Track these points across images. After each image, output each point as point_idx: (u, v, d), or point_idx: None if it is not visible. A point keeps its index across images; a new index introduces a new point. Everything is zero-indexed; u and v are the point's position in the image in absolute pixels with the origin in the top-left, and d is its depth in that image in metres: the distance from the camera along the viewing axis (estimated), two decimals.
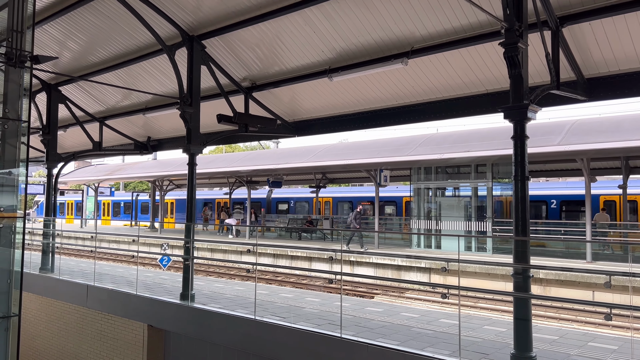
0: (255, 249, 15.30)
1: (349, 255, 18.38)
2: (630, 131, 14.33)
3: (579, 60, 7.35)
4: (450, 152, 17.19)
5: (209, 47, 9.89)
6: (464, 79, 8.59)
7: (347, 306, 9.21)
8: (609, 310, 5.37)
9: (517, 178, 5.80)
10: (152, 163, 33.61)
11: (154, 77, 11.73)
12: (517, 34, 5.74)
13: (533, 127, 16.07)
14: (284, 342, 7.42)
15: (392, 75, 9.20)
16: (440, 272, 16.08)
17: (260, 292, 10.35)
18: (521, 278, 5.74)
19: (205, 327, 8.56)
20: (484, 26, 7.46)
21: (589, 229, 15.61)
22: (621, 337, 7.56)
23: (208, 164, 25.47)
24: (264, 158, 25.00)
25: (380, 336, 7.06)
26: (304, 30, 8.83)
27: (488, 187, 18.54)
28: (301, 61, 9.66)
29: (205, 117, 10.59)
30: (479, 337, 7.17)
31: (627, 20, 6.75)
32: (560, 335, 7.39)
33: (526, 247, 5.74)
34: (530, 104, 5.83)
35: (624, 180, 18.23)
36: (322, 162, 21.10)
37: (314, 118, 11.20)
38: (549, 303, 13.20)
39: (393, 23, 8.04)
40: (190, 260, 9.21)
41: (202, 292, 10.30)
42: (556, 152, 14.59)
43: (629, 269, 6.14)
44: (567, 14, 6.86)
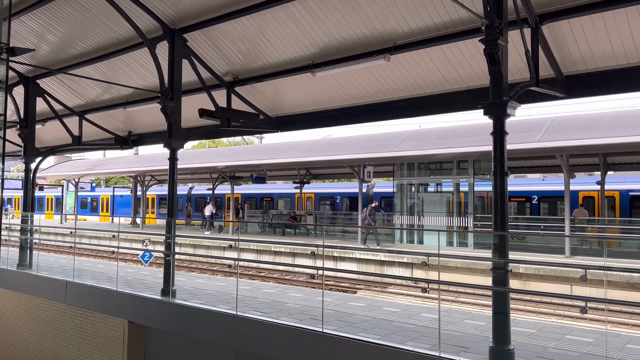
0: (237, 244, 15.23)
1: (332, 251, 18.42)
2: (609, 128, 14.58)
3: (558, 57, 7.45)
4: (432, 148, 17.32)
5: (191, 40, 9.79)
6: (445, 76, 8.64)
7: (330, 301, 9.23)
8: (584, 304, 5.47)
9: (497, 174, 5.86)
10: (134, 158, 33.25)
11: (135, 71, 11.58)
12: (497, 31, 5.79)
13: (514, 124, 16.39)
14: (266, 338, 7.42)
15: (375, 71, 9.22)
16: (421, 267, 16.23)
17: (243, 288, 10.32)
18: (500, 272, 5.81)
19: (186, 323, 8.51)
20: (465, 23, 7.51)
21: (567, 225, 15.88)
22: (597, 330, 7.72)
23: (191, 159, 25.29)
24: (248, 153, 24.90)
25: (361, 331, 7.10)
26: (286, 25, 8.79)
27: (470, 183, 18.72)
28: (284, 56, 9.62)
29: (187, 112, 10.49)
30: (459, 331, 7.26)
31: (605, 19, 6.85)
32: (538, 329, 7.51)
33: (505, 242, 5.81)
34: (509, 100, 5.89)
35: (602, 176, 18.57)
36: (306, 158, 21.08)
37: (297, 113, 11.18)
38: (529, 297, 13.41)
39: (375, 19, 8.05)
40: (171, 256, 9.14)
41: (183, 288, 10.24)
42: (536, 148, 14.79)
43: (603, 263, 6.26)
44: (547, 12, 6.94)
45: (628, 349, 6.44)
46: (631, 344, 6.70)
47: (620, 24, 6.82)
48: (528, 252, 16.79)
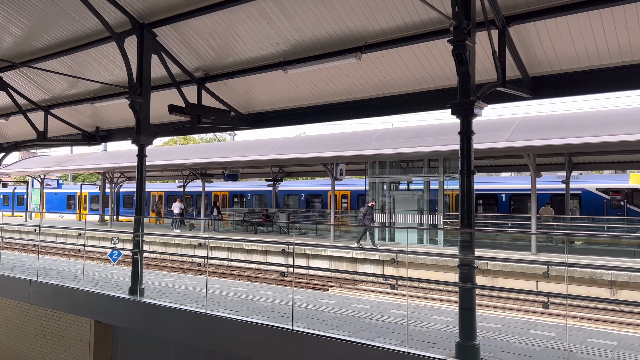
0: (207, 242, 15.10)
1: (304, 249, 18.44)
2: (574, 129, 14.99)
3: (524, 59, 7.62)
4: (404, 147, 17.51)
5: (160, 35, 9.64)
6: (415, 75, 8.74)
7: (300, 299, 9.25)
8: (547, 299, 5.63)
9: (464, 172, 5.97)
10: (103, 154, 32.57)
11: (103, 65, 11.34)
12: (465, 31, 5.88)
13: (484, 124, 16.71)
14: (236, 336, 7.39)
15: (347, 70, 9.26)
16: (393, 264, 16.39)
17: (213, 286, 10.25)
18: (466, 269, 5.92)
19: (154, 321, 8.40)
20: (435, 23, 7.61)
21: (534, 222, 16.27)
22: (560, 325, 7.95)
23: (161, 156, 24.93)
24: (220, 150, 24.69)
25: (331, 328, 7.14)
26: (258, 22, 8.74)
27: (440, 181, 18.99)
28: (256, 53, 9.57)
29: (157, 108, 10.33)
30: (427, 327, 7.37)
31: (569, 22, 7.04)
32: (504, 324, 7.68)
33: (471, 239, 5.92)
34: (476, 100, 6.00)
35: (567, 175, 19.09)
36: (279, 156, 21.04)
37: (269, 110, 11.13)
38: (496, 293, 13.70)
39: (347, 17, 8.08)
40: (140, 254, 9.00)
41: (152, 286, 10.09)
42: (504, 147, 15.11)
43: (564, 259, 6.45)
44: (513, 14, 7.09)
45: (589, 342, 6.65)
46: (592, 337, 6.91)
47: (584, 28, 7.02)
48: (496, 249, 17.16)
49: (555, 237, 18.34)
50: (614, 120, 14.83)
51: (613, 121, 14.79)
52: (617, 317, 11.73)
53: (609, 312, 12.09)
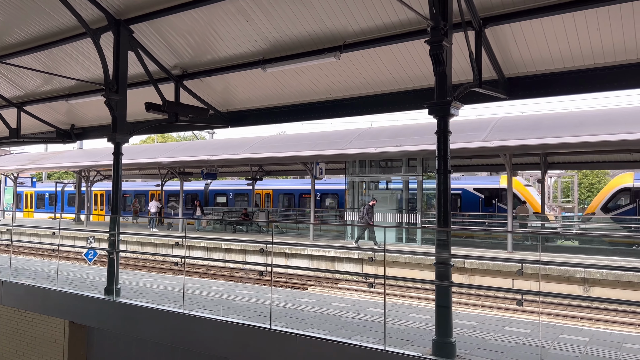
0: (184, 241, 14.96)
1: (283, 248, 18.41)
2: (549, 129, 15.29)
3: (500, 60, 7.73)
4: (383, 146, 17.63)
5: (137, 32, 9.51)
6: (394, 75, 8.80)
7: (279, 298, 9.24)
8: (521, 297, 5.73)
9: (440, 171, 6.03)
10: (78, 152, 32.03)
11: (78, 62, 11.14)
12: (442, 32, 5.94)
13: (462, 124, 16.90)
14: (213, 336, 7.34)
15: (326, 69, 9.27)
16: (372, 262, 16.48)
17: (191, 286, 10.17)
18: (443, 267, 5.98)
19: (130, 322, 8.30)
20: (413, 24, 7.67)
21: (510, 221, 16.54)
22: (533, 322, 8.10)
23: (138, 154, 24.61)
24: (198, 149, 24.49)
25: (310, 326, 7.15)
26: (237, 20, 8.69)
27: (418, 180, 19.16)
28: (234, 50, 9.51)
29: (133, 105, 10.19)
30: (405, 325, 7.43)
31: (544, 25, 7.17)
32: (480, 322, 7.79)
33: (447, 237, 5.99)
34: (453, 100, 6.07)
35: (542, 175, 19.44)
36: (258, 154, 20.97)
37: (248, 109, 11.08)
38: (473, 291, 13.89)
39: (326, 16, 8.08)
40: (115, 254, 8.88)
41: (128, 286, 9.96)
42: (481, 147, 15.32)
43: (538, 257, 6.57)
44: (490, 16, 7.18)
45: (561, 338, 6.78)
46: (565, 334, 7.06)
47: (558, 30, 7.15)
48: (474, 247, 17.38)
49: (530, 236, 18.66)
50: (588, 121, 15.17)
51: (587, 122, 15.13)
52: (589, 314, 12.01)
53: (582, 309, 12.37)
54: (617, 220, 19.18)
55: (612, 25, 6.82)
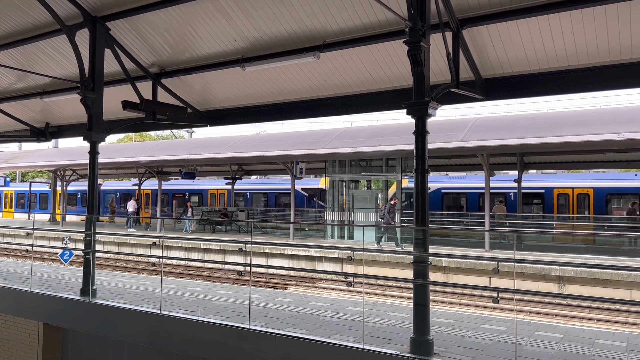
0: (162, 241, 14.81)
1: (263, 247, 18.36)
2: (526, 129, 15.53)
3: (477, 61, 7.83)
4: (363, 146, 17.70)
5: (114, 29, 9.37)
6: (373, 75, 8.84)
7: (258, 298, 9.21)
8: (496, 294, 5.82)
9: (418, 171, 6.08)
10: (54, 151, 31.42)
11: (53, 59, 10.92)
12: (420, 33, 5.99)
13: (440, 124, 17.06)
14: (191, 336, 7.28)
15: (306, 68, 9.26)
16: (351, 262, 16.54)
17: (169, 286, 10.08)
18: (420, 266, 6.04)
19: (107, 323, 8.17)
20: (392, 24, 7.72)
21: (487, 220, 16.76)
22: (509, 319, 8.23)
23: (115, 153, 24.26)
24: (177, 148, 24.24)
25: (289, 326, 7.14)
26: (215, 18, 8.63)
27: (397, 180, 19.28)
28: (213, 49, 9.44)
29: (110, 104, 10.04)
30: (383, 323, 7.47)
31: (519, 27, 7.28)
32: (457, 319, 7.88)
33: (425, 236, 6.05)
34: (431, 101, 6.12)
35: (519, 174, 19.74)
36: (238, 154, 20.85)
37: (227, 108, 11.01)
38: (451, 289, 14.05)
39: (305, 16, 8.08)
40: (91, 254, 8.73)
41: (105, 287, 9.82)
42: (459, 147, 15.49)
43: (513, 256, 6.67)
44: (467, 17, 7.27)
45: (536, 335, 6.91)
46: (539, 331, 7.19)
47: (533, 32, 7.27)
48: (452, 246, 17.57)
49: (508, 235, 18.94)
50: (564, 122, 15.46)
51: (563, 123, 15.42)
52: (564, 311, 12.25)
53: (557, 306, 12.61)
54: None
55: (586, 28, 6.97)
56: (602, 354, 6.06)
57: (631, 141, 13.71)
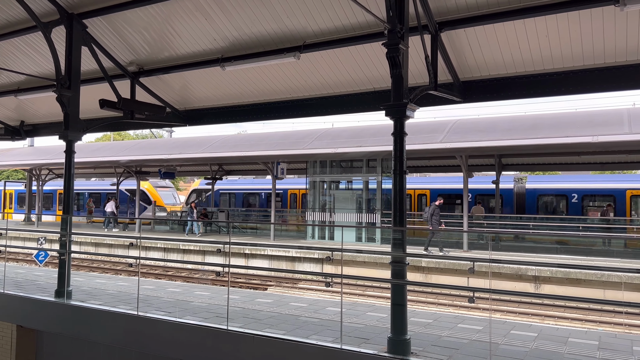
0: (139, 242, 14.64)
1: (243, 248, 18.28)
2: (503, 131, 15.76)
3: (455, 64, 7.92)
4: (344, 146, 17.75)
5: (92, 27, 9.24)
6: (353, 77, 8.88)
7: (237, 298, 9.17)
8: (472, 294, 5.90)
9: (396, 172, 6.13)
10: (29, 150, 30.80)
11: (28, 56, 10.72)
12: (398, 35, 6.04)
13: (420, 126, 17.21)
14: (169, 337, 7.22)
15: (286, 69, 9.26)
16: (329, 262, 16.56)
17: (146, 287, 9.97)
18: (398, 266, 6.09)
19: (82, 325, 8.05)
20: (372, 26, 7.76)
21: (465, 221, 16.96)
22: (486, 318, 8.34)
23: (93, 153, 23.91)
24: (156, 147, 23.99)
25: (267, 327, 7.13)
26: (195, 17, 8.57)
27: (378, 180, 19.39)
28: (193, 48, 9.37)
29: (87, 102, 9.90)
30: (362, 323, 7.51)
31: (496, 30, 7.40)
32: (434, 319, 7.97)
33: (403, 236, 6.10)
34: (409, 102, 6.18)
35: (497, 176, 20.02)
36: (218, 154, 20.71)
37: (207, 107, 10.94)
38: (430, 289, 14.18)
39: (285, 16, 8.08)
40: (67, 255, 8.60)
41: (81, 288, 9.67)
42: (438, 149, 15.65)
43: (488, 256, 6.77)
44: (445, 20, 7.35)
45: (512, 334, 7.02)
46: (515, 330, 7.30)
47: (510, 36, 7.40)
48: (431, 247, 17.71)
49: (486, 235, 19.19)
50: (540, 125, 15.73)
51: (539, 125, 15.68)
52: (539, 310, 12.46)
53: (532, 306, 12.82)
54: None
55: (560, 33, 7.11)
56: (575, 352, 6.19)
57: (605, 144, 14.04)
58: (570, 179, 23.11)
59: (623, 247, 16.40)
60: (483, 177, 24.40)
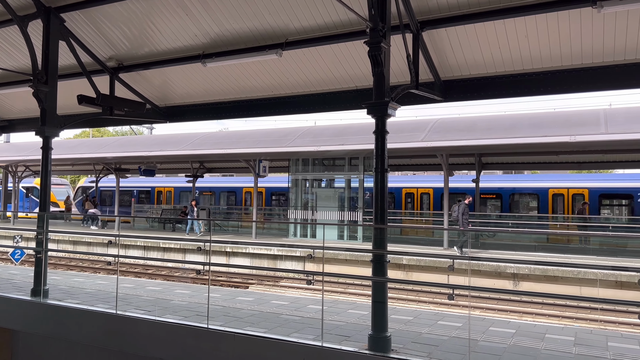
0: (117, 240, 14.45)
1: (224, 246, 18.18)
2: (483, 131, 15.95)
3: (436, 63, 7.98)
4: (326, 144, 17.78)
5: (70, 21, 9.07)
6: (335, 75, 8.88)
7: (218, 297, 9.11)
8: (451, 291, 5.96)
9: (378, 170, 6.15)
10: (5, 146, 30.18)
11: (4, 50, 10.48)
12: (380, 34, 6.06)
13: (401, 124, 17.32)
14: (149, 336, 7.14)
15: (268, 66, 9.22)
16: (311, 260, 16.57)
17: (126, 286, 9.86)
18: (379, 263, 6.11)
19: (60, 324, 7.92)
20: (354, 24, 7.77)
21: (446, 219, 17.12)
22: (465, 315, 8.44)
23: (72, 149, 23.53)
24: (136, 144, 23.70)
25: (248, 325, 7.10)
26: (176, 12, 8.48)
27: (360, 179, 19.46)
28: (173, 44, 9.27)
29: (65, 98, 9.73)
30: (343, 321, 7.52)
31: (477, 30, 7.48)
32: (415, 316, 8.02)
33: (384, 234, 6.13)
34: (390, 101, 6.20)
35: (477, 174, 20.24)
36: (199, 151, 20.57)
37: (188, 104, 10.83)
38: (410, 287, 14.28)
39: (267, 13, 8.05)
40: (43, 253, 8.44)
41: (58, 287, 9.51)
42: (419, 147, 15.77)
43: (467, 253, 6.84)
44: (427, 19, 7.40)
45: (491, 331, 7.11)
46: (494, 326, 7.40)
47: (490, 36, 7.48)
48: (413, 244, 17.86)
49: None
50: (520, 124, 15.96)
51: (518, 125, 15.92)
52: (518, 307, 12.65)
53: (511, 303, 13.01)
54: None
55: (539, 34, 7.21)
56: (552, 348, 6.29)
57: (582, 143, 14.30)
58: (501, 179, 24.63)
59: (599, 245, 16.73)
60: (464, 175, 24.67)
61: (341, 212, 19.98)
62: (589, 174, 25.12)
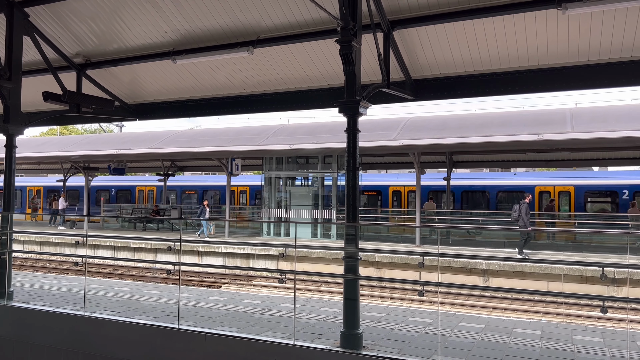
0: (85, 240, 14.16)
1: (196, 245, 18.00)
2: (454, 129, 16.19)
3: (407, 62, 8.06)
4: (300, 143, 17.77)
5: (34, 16, 8.81)
6: (307, 73, 8.88)
7: (189, 297, 9.02)
8: (422, 288, 6.05)
9: (349, 168, 6.18)
10: None
11: None
12: (351, 33, 6.08)
13: (374, 123, 17.43)
14: (117, 338, 7.02)
15: (240, 64, 9.15)
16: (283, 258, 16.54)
17: (94, 287, 9.68)
18: (351, 261, 6.14)
19: (24, 327, 7.71)
20: (326, 23, 7.77)
21: (418, 216, 17.33)
22: (435, 311, 8.56)
23: (38, 147, 22.91)
24: (105, 142, 23.22)
25: (220, 324, 7.06)
26: (144, 8, 8.33)
27: (333, 177, 19.52)
28: (142, 40, 9.10)
29: (30, 95, 9.47)
30: (315, 319, 7.55)
31: (447, 30, 7.57)
32: (387, 313, 8.10)
33: (356, 232, 6.16)
34: (362, 100, 6.24)
35: (448, 172, 20.54)
36: (171, 149, 20.31)
37: (158, 101, 10.67)
38: (383, 284, 14.40)
39: (239, 10, 7.98)
40: (7, 254, 8.20)
41: (23, 289, 9.26)
42: (392, 146, 15.91)
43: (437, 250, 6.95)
44: (398, 19, 7.46)
45: (460, 326, 7.23)
46: (463, 322, 7.52)
47: (459, 36, 7.58)
48: (386, 242, 18.02)
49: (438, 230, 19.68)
50: (490, 123, 16.26)
51: (489, 124, 16.21)
52: (487, 302, 12.90)
53: (481, 298, 13.25)
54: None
55: (507, 34, 7.35)
56: (519, 342, 6.44)
57: (549, 142, 14.66)
58: (488, 176, 26.10)
59: (564, 241, 17.20)
60: (436, 173, 25.00)
61: (315, 210, 20.01)
62: (575, 171, 25.79)
